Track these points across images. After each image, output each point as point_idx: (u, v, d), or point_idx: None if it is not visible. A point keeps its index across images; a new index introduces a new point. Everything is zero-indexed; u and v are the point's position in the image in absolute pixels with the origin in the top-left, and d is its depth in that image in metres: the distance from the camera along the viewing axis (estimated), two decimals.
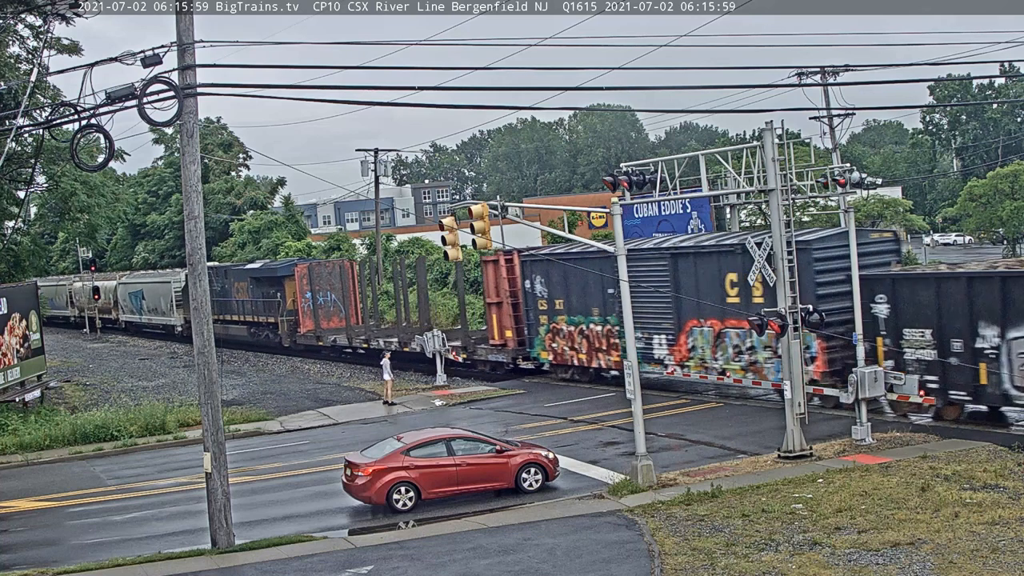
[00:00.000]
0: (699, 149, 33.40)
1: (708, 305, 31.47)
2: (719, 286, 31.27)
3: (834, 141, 50.05)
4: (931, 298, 26.18)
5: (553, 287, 38.15)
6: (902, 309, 26.89)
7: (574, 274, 36.60)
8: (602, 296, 35.63)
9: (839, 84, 49.58)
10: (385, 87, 23.38)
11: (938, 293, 26.03)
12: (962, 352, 25.27)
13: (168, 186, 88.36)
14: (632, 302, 24.43)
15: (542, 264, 38.54)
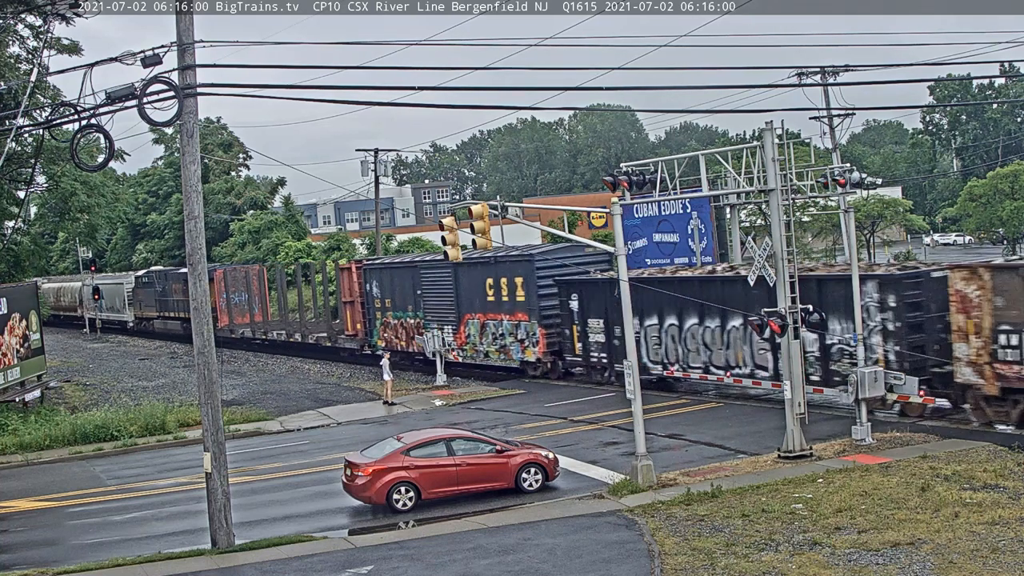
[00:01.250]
0: (699, 149, 33.43)
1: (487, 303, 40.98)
2: (483, 289, 40.98)
3: (834, 141, 50.05)
4: (603, 297, 35.75)
5: (384, 290, 47.01)
6: (586, 305, 36.74)
7: (397, 280, 46.13)
8: (414, 297, 44.73)
9: (839, 84, 49.59)
10: (385, 87, 23.38)
11: (606, 293, 35.29)
12: (620, 335, 33.26)
13: (168, 186, 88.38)
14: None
15: (376, 271, 47.81)
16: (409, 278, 44.97)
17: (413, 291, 44.68)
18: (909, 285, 27.19)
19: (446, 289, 42.77)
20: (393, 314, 46.27)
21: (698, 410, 31.72)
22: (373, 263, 48.93)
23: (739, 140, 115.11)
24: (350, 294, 49.61)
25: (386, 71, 61.57)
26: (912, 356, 26.63)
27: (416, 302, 44.50)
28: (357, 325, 49.28)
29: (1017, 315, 24.81)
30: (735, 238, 35.06)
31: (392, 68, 29.72)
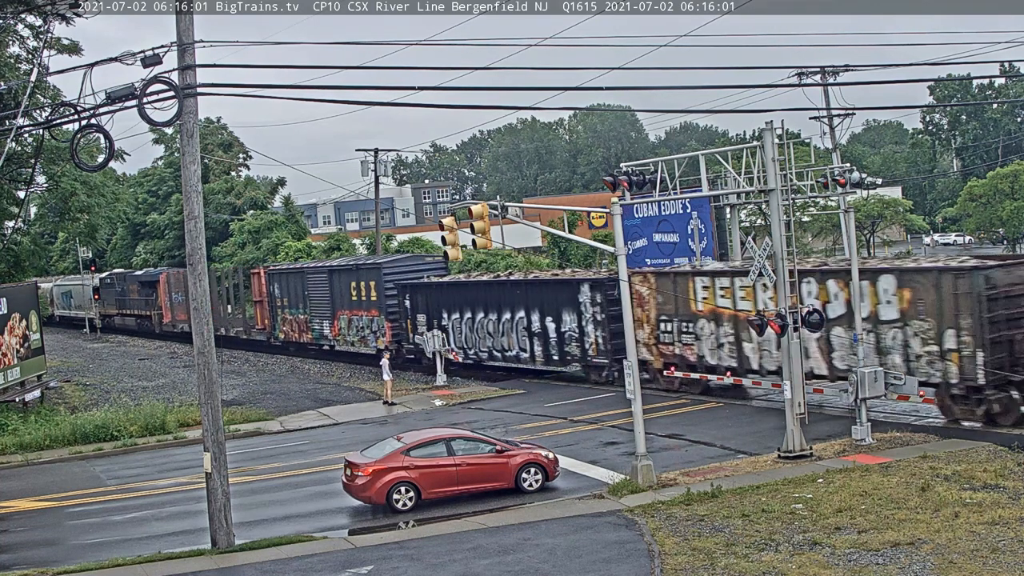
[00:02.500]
0: (699, 149, 33.44)
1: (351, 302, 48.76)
2: (350, 291, 48.54)
3: (834, 141, 50.05)
4: (427, 297, 44.24)
5: (283, 291, 55.09)
6: (416, 303, 44.95)
7: (291, 283, 54.19)
8: (303, 297, 52.68)
9: (839, 84, 49.56)
10: (385, 87, 23.39)
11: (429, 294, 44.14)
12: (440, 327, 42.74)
13: (168, 186, 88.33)
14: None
15: (277, 275, 55.94)
16: (300, 281, 52.87)
17: (303, 292, 52.76)
18: (610, 286, 34.82)
19: (324, 290, 50.73)
20: (289, 311, 54.60)
21: (698, 410, 31.73)
22: (275, 269, 57.00)
23: (739, 140, 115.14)
24: (259, 294, 57.45)
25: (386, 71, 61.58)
26: (613, 340, 34.69)
27: (305, 301, 52.64)
28: (265, 320, 57.34)
29: (671, 309, 33.91)
30: (735, 238, 35.07)
31: (392, 68, 29.73)
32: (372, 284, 46.78)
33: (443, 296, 43.34)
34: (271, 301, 55.99)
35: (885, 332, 27.52)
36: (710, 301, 32.54)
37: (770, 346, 29.84)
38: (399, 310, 45.69)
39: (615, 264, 24.67)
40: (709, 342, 32.69)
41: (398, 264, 47.43)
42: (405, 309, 45.21)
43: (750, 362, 31.44)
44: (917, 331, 26.88)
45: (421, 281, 45.15)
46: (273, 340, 56.72)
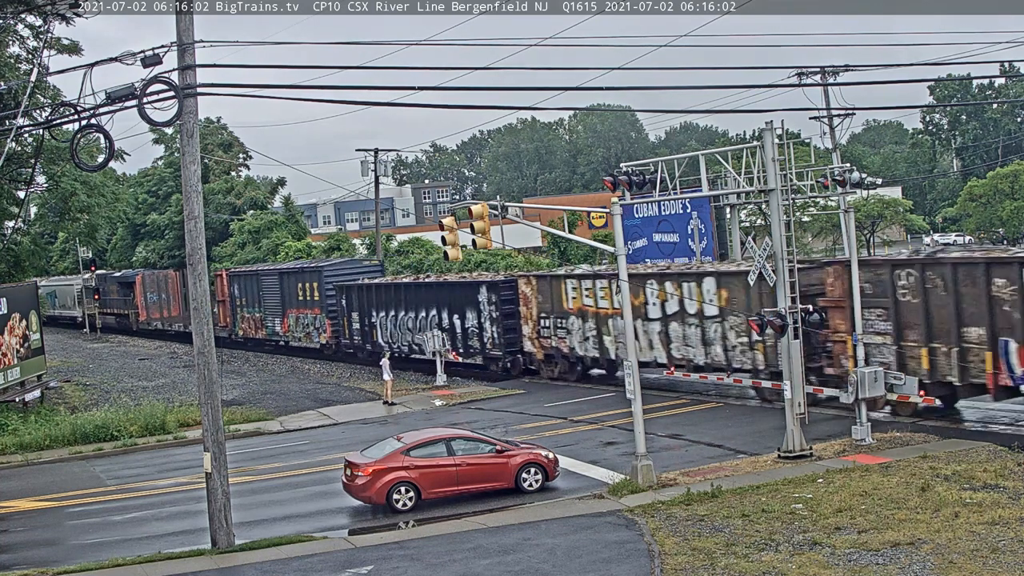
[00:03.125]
0: (699, 149, 33.47)
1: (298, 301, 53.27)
2: (297, 291, 53.15)
3: (834, 141, 50.03)
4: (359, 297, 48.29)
5: (241, 291, 59.65)
6: (351, 302, 48.92)
7: (248, 284, 59.03)
8: (258, 297, 57.29)
9: (839, 84, 49.53)
10: (385, 87, 23.36)
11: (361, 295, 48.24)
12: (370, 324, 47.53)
13: (168, 186, 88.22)
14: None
15: (236, 277, 60.75)
16: (255, 283, 57.90)
17: (258, 293, 57.68)
18: (504, 287, 40.43)
19: (276, 291, 55.63)
20: (247, 310, 59.41)
21: (698, 410, 31.73)
22: (234, 271, 62.49)
23: (739, 140, 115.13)
24: (222, 295, 61.84)
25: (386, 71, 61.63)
26: (506, 335, 40.00)
27: (260, 301, 57.38)
28: (227, 318, 61.85)
29: (549, 307, 38.54)
30: (735, 238, 35.12)
31: (392, 68, 29.75)
32: (315, 285, 51.50)
33: (373, 296, 47.55)
34: (232, 301, 60.60)
35: (710, 325, 31.96)
36: (578, 300, 37.31)
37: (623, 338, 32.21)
38: (337, 309, 50.27)
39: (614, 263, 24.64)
40: (578, 336, 37.51)
41: (337, 267, 52.48)
42: (342, 308, 49.80)
43: (609, 353, 36.18)
44: (732, 325, 31.33)
45: (355, 283, 49.37)
46: (233, 336, 61.20)
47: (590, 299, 36.67)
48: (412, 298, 45.21)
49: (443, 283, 44.40)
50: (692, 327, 32.76)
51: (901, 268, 27.65)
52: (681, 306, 33.00)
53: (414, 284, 46.10)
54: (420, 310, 44.53)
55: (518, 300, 40.05)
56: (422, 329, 44.19)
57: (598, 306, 36.18)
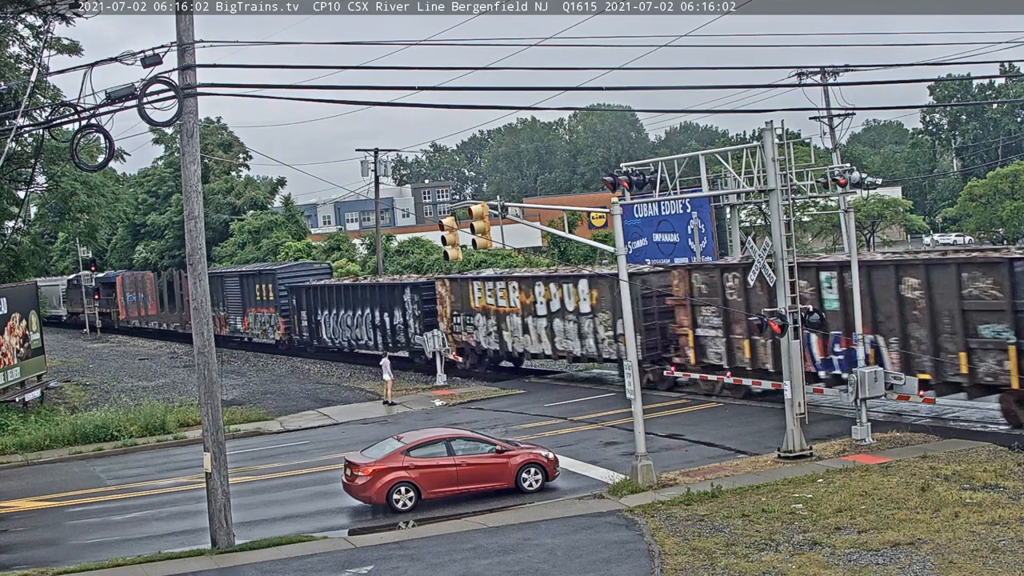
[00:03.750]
0: (699, 149, 33.47)
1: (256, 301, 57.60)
2: (255, 292, 57.41)
3: (834, 141, 50.04)
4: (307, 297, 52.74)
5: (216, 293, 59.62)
6: (300, 302, 53.37)
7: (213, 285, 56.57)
8: (222, 297, 60.53)
9: (839, 84, 49.56)
10: (385, 87, 23.41)
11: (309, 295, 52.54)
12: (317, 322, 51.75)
13: (168, 186, 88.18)
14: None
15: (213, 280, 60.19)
16: (220, 283, 60.70)
17: (222, 293, 60.58)
18: (425, 288, 44.80)
19: (237, 292, 59.68)
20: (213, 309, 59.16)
21: (698, 410, 31.73)
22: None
23: (739, 140, 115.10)
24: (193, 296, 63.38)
25: (386, 71, 61.58)
26: (426, 330, 43.51)
27: (222, 300, 60.89)
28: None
29: (460, 306, 42.69)
30: (735, 238, 35.10)
31: (392, 68, 29.74)
32: (270, 287, 56.02)
33: (318, 297, 51.97)
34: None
35: (583, 321, 36.88)
36: (483, 300, 41.58)
37: (517, 332, 40.01)
38: (289, 308, 54.79)
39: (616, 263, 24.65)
40: (483, 331, 41.76)
41: (289, 270, 57.06)
42: (293, 307, 54.39)
43: (507, 346, 40.81)
44: (601, 321, 36.05)
45: (304, 284, 53.70)
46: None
47: (492, 299, 41.13)
48: (350, 298, 49.47)
49: (375, 285, 48.56)
50: (571, 323, 37.46)
51: (728, 271, 31.98)
52: (562, 304, 37.76)
53: (351, 286, 50.26)
54: (357, 309, 48.87)
55: (436, 300, 44.39)
56: (359, 326, 49.02)
57: (498, 305, 40.90)
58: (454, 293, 43.29)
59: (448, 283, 43.79)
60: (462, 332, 42.84)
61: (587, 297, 36.48)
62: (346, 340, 50.12)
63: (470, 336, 42.54)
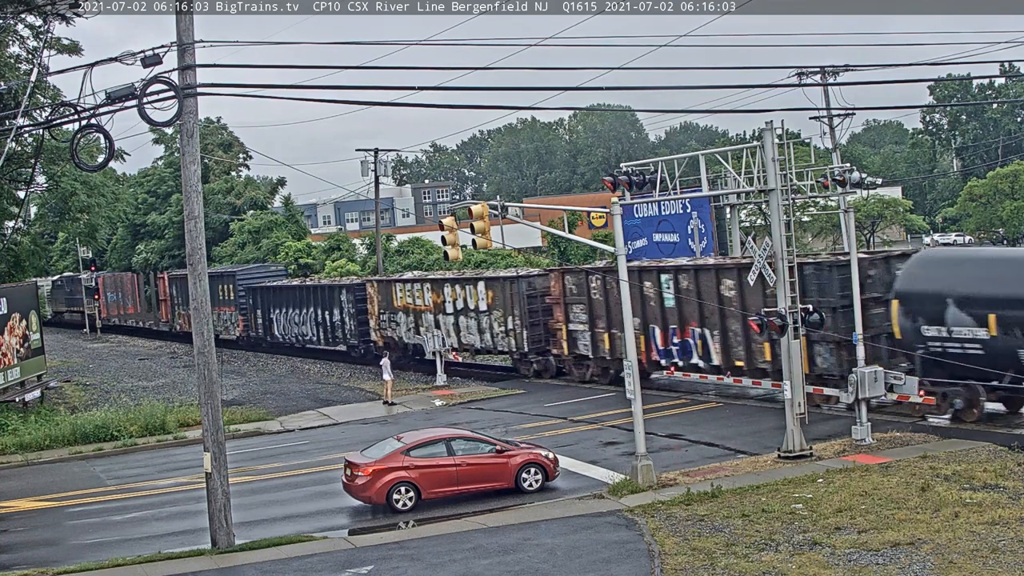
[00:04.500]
0: (699, 149, 33.49)
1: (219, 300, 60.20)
2: (218, 292, 59.91)
3: (834, 141, 50.01)
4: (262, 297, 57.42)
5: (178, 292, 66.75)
6: (256, 301, 57.89)
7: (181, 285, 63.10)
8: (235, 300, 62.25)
9: (839, 84, 49.53)
10: (385, 87, 23.32)
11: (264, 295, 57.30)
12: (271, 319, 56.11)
13: (168, 186, 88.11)
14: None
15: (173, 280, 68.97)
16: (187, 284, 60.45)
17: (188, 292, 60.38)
18: (358, 289, 49.45)
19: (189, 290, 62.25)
20: (182, 307, 66.08)
21: (698, 410, 31.74)
22: (173, 274, 71.40)
23: (739, 140, 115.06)
24: (164, 294, 71.72)
25: (386, 71, 61.62)
26: (359, 327, 48.96)
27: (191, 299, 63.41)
28: (167, 314, 71.23)
29: (386, 304, 47.38)
30: (735, 238, 35.11)
31: (392, 68, 29.75)
32: (231, 287, 60.37)
33: (273, 296, 56.79)
34: (171, 300, 70.13)
35: (482, 318, 41.36)
36: (404, 299, 46.10)
37: (431, 327, 44.06)
38: (247, 306, 59.24)
39: (615, 262, 24.64)
40: (404, 327, 46.34)
41: (248, 272, 61.76)
42: (251, 306, 58.96)
43: (425, 341, 43.83)
44: (496, 318, 40.50)
45: (261, 285, 58.15)
46: (172, 329, 70.61)
47: (411, 298, 45.78)
48: (297, 298, 54.35)
49: (318, 285, 53.39)
50: (472, 319, 41.94)
51: (591, 274, 36.79)
52: (466, 303, 42.20)
53: (298, 286, 55.12)
54: (303, 308, 53.92)
55: (367, 300, 49.00)
56: (304, 323, 53.94)
57: (415, 304, 45.50)
58: (381, 293, 47.71)
59: (376, 284, 48.45)
60: (387, 328, 47.52)
61: (485, 297, 41.09)
62: (294, 336, 54.99)
63: (394, 332, 47.07)
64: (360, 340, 49.58)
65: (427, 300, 44.47)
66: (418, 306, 45.09)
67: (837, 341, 27.84)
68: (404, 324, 46.21)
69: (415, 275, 49.55)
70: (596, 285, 36.28)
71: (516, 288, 39.76)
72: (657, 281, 33.87)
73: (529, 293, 39.64)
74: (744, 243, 32.77)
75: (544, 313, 39.21)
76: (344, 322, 50.22)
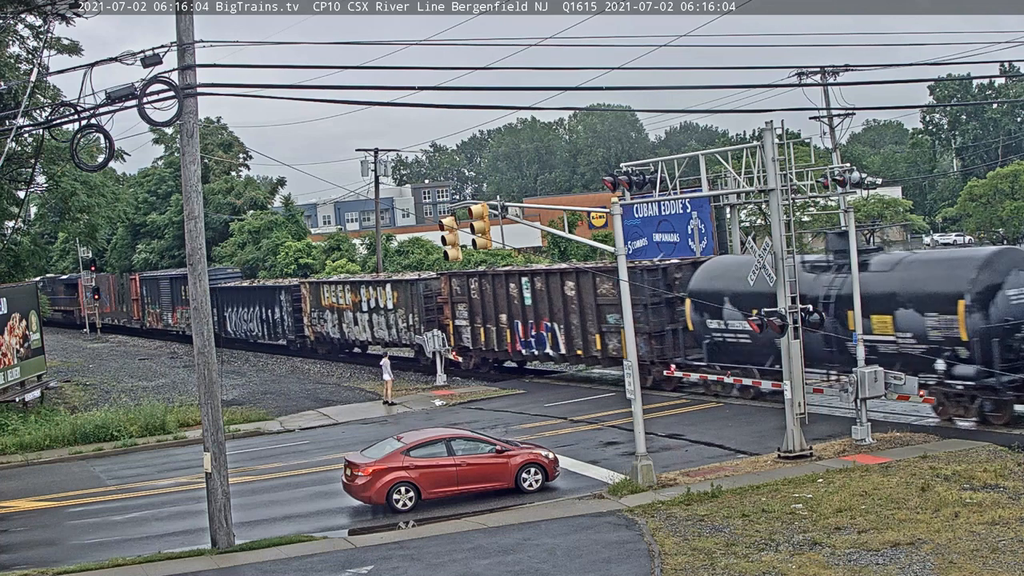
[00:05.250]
0: (699, 149, 33.49)
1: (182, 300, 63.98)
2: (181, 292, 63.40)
3: (834, 141, 50.05)
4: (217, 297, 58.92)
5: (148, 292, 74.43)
6: (215, 300, 56.11)
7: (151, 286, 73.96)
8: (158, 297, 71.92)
9: (839, 84, 49.59)
10: (385, 87, 23.30)
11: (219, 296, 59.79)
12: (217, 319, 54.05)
13: (168, 186, 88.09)
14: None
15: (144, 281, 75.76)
16: (156, 285, 72.78)
17: (157, 293, 72.50)
18: (295, 289, 54.97)
19: (167, 292, 70.35)
20: (151, 307, 74.19)
21: (698, 410, 31.73)
22: (143, 276, 77.51)
23: (739, 140, 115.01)
24: (135, 294, 77.33)
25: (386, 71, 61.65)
26: (295, 324, 54.70)
27: (158, 299, 72.33)
28: (138, 313, 77.19)
29: (316, 303, 52.75)
30: (735, 238, 35.12)
31: (392, 68, 29.76)
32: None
33: (226, 296, 61.89)
34: (141, 299, 76.51)
35: (389, 315, 46.53)
36: (330, 299, 51.68)
37: (350, 324, 50.14)
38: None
39: (614, 259, 24.63)
40: (330, 323, 51.89)
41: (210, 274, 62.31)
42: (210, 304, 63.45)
43: (346, 336, 50.84)
44: (400, 315, 45.71)
45: (217, 286, 60.43)
46: (143, 326, 76.78)
47: (335, 298, 51.36)
48: (246, 298, 60.12)
49: (262, 287, 59.17)
50: (382, 316, 47.14)
51: (471, 276, 42.95)
52: (377, 303, 47.54)
53: (246, 288, 60.77)
54: (251, 306, 59.66)
55: (302, 299, 54.42)
56: (252, 320, 59.46)
57: (338, 303, 51.00)
58: (312, 294, 53.47)
59: (308, 286, 54.33)
60: (317, 324, 53.28)
61: (391, 297, 46.49)
62: (244, 332, 60.80)
63: (322, 327, 52.78)
64: (296, 335, 55.06)
65: (348, 300, 50.03)
66: (341, 305, 50.85)
67: (648, 332, 34.08)
68: (330, 321, 51.89)
69: (339, 278, 54.57)
70: (475, 286, 41.93)
71: (415, 290, 44.83)
72: (519, 283, 39.57)
73: (426, 294, 44.38)
74: (744, 243, 32.79)
75: (438, 311, 44.17)
76: (283, 319, 56.00)
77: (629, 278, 29.67)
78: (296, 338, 55.25)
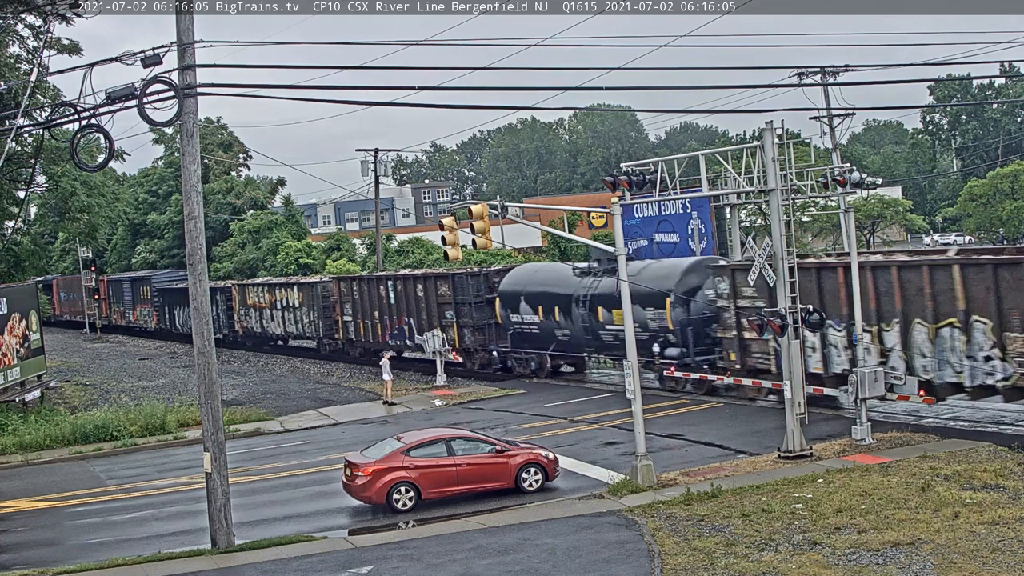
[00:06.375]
0: (699, 149, 33.51)
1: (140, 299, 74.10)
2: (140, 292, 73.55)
3: (834, 141, 50.02)
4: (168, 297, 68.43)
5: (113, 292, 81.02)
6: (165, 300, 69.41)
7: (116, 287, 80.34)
8: (120, 296, 79.17)
9: (839, 84, 49.55)
10: (385, 87, 23.32)
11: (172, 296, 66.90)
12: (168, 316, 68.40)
13: (168, 186, 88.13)
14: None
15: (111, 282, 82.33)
16: (119, 286, 79.68)
17: (121, 293, 79.49)
18: (227, 290, 61.68)
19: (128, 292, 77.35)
20: (116, 306, 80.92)
21: (698, 410, 31.73)
22: (110, 277, 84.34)
23: (739, 140, 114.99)
24: (103, 294, 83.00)
25: (386, 71, 61.71)
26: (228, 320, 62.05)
27: (120, 298, 79.46)
28: (106, 311, 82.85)
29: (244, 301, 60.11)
30: (735, 238, 35.12)
31: (392, 68, 29.79)
32: (148, 288, 73.45)
33: (175, 296, 66.62)
34: (108, 299, 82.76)
35: (297, 312, 53.31)
36: (254, 298, 58.83)
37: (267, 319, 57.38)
38: (160, 304, 71.27)
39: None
40: (254, 319, 58.91)
41: (160, 276, 73.78)
42: (162, 303, 70.71)
43: (267, 329, 57.99)
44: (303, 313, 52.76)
45: (168, 287, 69.56)
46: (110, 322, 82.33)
47: (257, 298, 58.84)
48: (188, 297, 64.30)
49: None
50: (291, 313, 54.90)
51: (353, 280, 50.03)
52: (287, 302, 55.15)
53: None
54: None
55: (232, 298, 61.45)
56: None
57: (259, 302, 58.52)
58: (240, 294, 61.16)
59: (237, 287, 62.06)
60: (244, 320, 60.83)
61: (298, 297, 54.33)
62: (188, 327, 64.28)
63: (248, 323, 60.31)
64: (229, 330, 62.32)
65: (266, 299, 57.62)
66: (261, 303, 58.65)
67: (473, 325, 41.89)
68: (254, 317, 59.75)
69: (260, 280, 62.49)
70: (356, 289, 49.47)
71: (315, 291, 52.51)
72: (387, 286, 47.00)
73: (324, 295, 51.95)
74: (744, 243, 32.79)
75: (332, 309, 51.56)
76: (218, 316, 61.74)
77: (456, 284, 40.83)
78: (229, 332, 62.31)
